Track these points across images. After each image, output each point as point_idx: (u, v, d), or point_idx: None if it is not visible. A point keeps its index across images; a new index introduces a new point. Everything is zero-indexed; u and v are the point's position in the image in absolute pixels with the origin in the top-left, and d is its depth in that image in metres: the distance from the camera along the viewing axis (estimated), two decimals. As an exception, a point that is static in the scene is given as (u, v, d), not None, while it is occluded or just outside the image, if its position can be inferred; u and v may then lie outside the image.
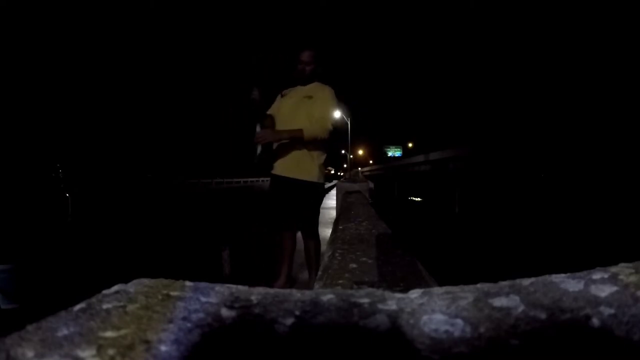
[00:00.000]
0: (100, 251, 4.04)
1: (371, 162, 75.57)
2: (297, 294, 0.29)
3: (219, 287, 0.30)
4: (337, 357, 0.22)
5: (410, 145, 74.12)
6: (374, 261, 0.85)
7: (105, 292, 0.29)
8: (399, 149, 76.62)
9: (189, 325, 0.24)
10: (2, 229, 2.06)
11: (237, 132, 43.37)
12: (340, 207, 2.93)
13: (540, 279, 0.29)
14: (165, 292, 0.29)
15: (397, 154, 73.76)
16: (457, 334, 0.23)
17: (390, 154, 75.91)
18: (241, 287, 0.30)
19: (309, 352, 0.23)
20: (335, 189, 7.07)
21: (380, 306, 0.27)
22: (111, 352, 0.21)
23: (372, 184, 6.79)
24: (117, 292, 0.29)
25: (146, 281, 0.31)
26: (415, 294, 0.28)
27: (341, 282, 0.71)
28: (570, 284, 0.27)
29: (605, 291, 0.26)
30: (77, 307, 0.26)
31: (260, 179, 33.49)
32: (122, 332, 0.23)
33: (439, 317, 0.25)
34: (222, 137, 45.35)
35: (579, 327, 0.23)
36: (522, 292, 0.27)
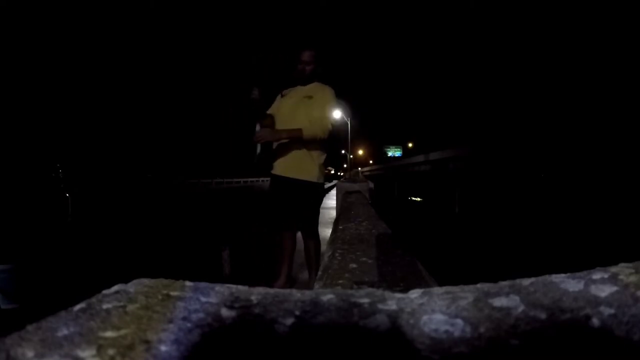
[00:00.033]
0: (100, 251, 4.04)
1: (371, 162, 75.54)
2: (297, 294, 0.29)
3: (219, 287, 0.30)
4: (337, 357, 0.22)
5: (410, 145, 74.10)
6: (374, 261, 0.85)
7: (105, 292, 0.29)
8: (399, 149, 76.61)
9: (189, 325, 0.24)
10: (2, 229, 2.06)
11: (237, 132, 43.37)
12: (340, 207, 2.93)
13: (540, 279, 0.29)
14: (165, 292, 0.29)
15: (397, 154, 73.75)
16: (457, 334, 0.23)
17: (390, 154, 75.90)
18: (241, 287, 0.30)
19: (309, 352, 0.23)
20: (335, 189, 7.07)
21: (380, 306, 0.27)
22: (111, 352, 0.21)
23: (372, 184, 6.78)
24: (117, 292, 0.29)
25: (146, 281, 0.31)
26: (415, 294, 0.28)
27: (341, 282, 0.71)
28: (570, 284, 0.27)
29: (605, 291, 0.26)
30: (77, 307, 0.26)
31: (260, 179, 33.48)
32: (122, 332, 0.23)
33: (439, 317, 0.25)
34: (222, 137, 45.35)
35: (579, 327, 0.23)
36: (522, 292, 0.27)
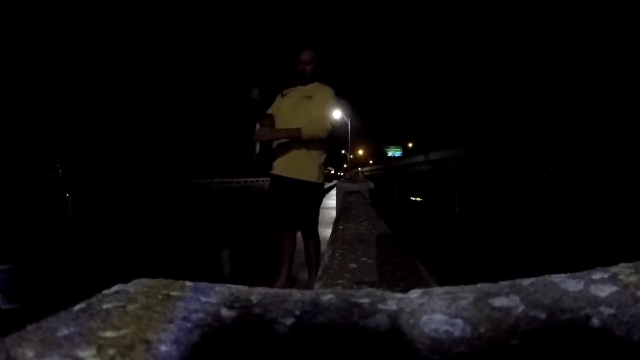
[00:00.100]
0: (100, 251, 4.04)
1: (371, 162, 75.53)
2: (297, 294, 0.29)
3: (219, 287, 0.30)
4: (337, 357, 0.22)
5: (410, 145, 74.08)
6: (374, 261, 0.85)
7: (105, 292, 0.29)
8: (399, 149, 76.60)
9: (189, 325, 0.24)
10: (2, 229, 2.06)
11: (237, 132, 43.35)
12: (340, 207, 2.93)
13: (540, 279, 0.29)
14: (165, 292, 0.29)
15: (397, 154, 73.74)
16: (457, 334, 0.23)
17: (390, 154, 75.90)
18: (241, 287, 0.30)
19: (309, 352, 0.23)
20: (335, 189, 7.07)
21: (380, 306, 0.27)
22: (111, 352, 0.21)
23: (372, 184, 6.79)
24: (117, 292, 0.29)
25: (146, 281, 0.31)
26: (415, 294, 0.28)
27: (341, 282, 0.71)
28: (570, 284, 0.27)
29: (605, 291, 0.26)
30: (77, 307, 0.26)
31: (260, 179, 33.47)
32: (122, 332, 0.23)
33: (439, 317, 0.25)
34: (222, 137, 45.34)
35: (579, 327, 0.23)
36: (522, 292, 0.27)
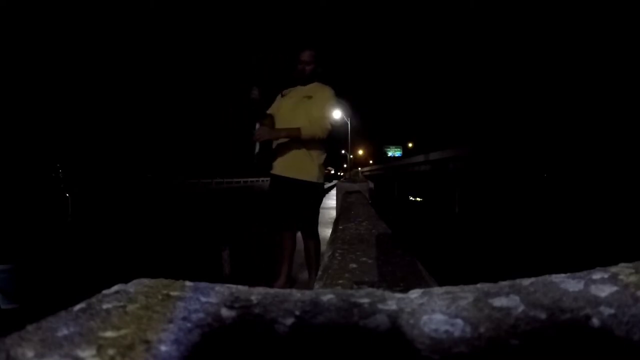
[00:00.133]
0: (100, 251, 4.04)
1: (371, 162, 75.53)
2: (297, 294, 0.29)
3: (219, 287, 0.30)
4: (337, 357, 0.22)
5: (410, 145, 74.07)
6: (374, 261, 0.85)
7: (105, 292, 0.29)
8: (399, 149, 76.60)
9: (189, 325, 0.24)
10: (2, 229, 2.06)
11: (237, 132, 43.36)
12: (340, 207, 2.93)
13: (540, 279, 0.29)
14: (165, 292, 0.29)
15: (397, 154, 73.74)
16: (457, 334, 0.23)
17: (390, 154, 75.90)
18: (241, 287, 0.30)
19: (309, 352, 0.23)
20: (335, 189, 7.07)
21: (380, 306, 0.27)
22: (111, 352, 0.21)
23: (372, 184, 6.79)
24: (117, 292, 0.29)
25: (146, 281, 0.31)
26: (415, 294, 0.28)
27: (341, 282, 0.71)
28: (570, 284, 0.27)
29: (605, 291, 0.26)
30: (77, 307, 0.26)
31: (260, 179, 33.47)
32: (122, 332, 0.23)
33: (439, 317, 0.25)
34: (222, 137, 45.34)
35: (579, 327, 0.23)
36: (522, 292, 0.27)
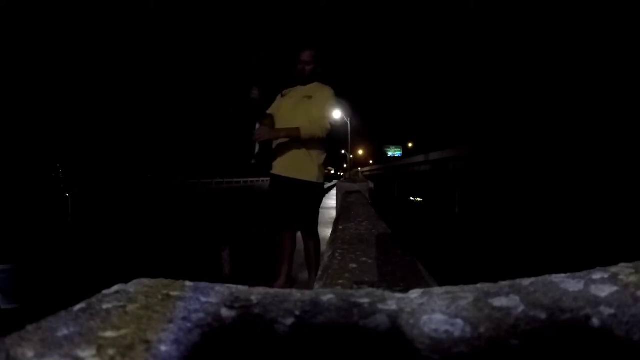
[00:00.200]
0: (100, 251, 4.04)
1: (371, 162, 75.55)
2: (297, 294, 0.29)
3: (219, 287, 0.30)
4: (337, 357, 0.22)
5: (410, 145, 74.05)
6: (374, 261, 0.85)
7: (105, 292, 0.29)
8: (399, 149, 76.61)
9: (189, 325, 0.24)
10: (2, 229, 2.06)
11: (237, 132, 43.37)
12: (340, 207, 2.93)
13: (540, 279, 0.29)
14: (165, 292, 0.29)
15: (397, 154, 73.75)
16: (457, 334, 0.23)
17: (390, 154, 75.91)
18: (241, 287, 0.30)
19: (309, 352, 0.23)
20: (335, 189, 7.07)
21: (380, 306, 0.27)
22: (111, 352, 0.21)
23: (372, 184, 6.79)
24: (117, 292, 0.29)
25: (146, 281, 0.31)
26: (415, 294, 0.28)
27: (341, 282, 0.71)
28: (570, 284, 0.27)
29: (605, 291, 0.26)
30: (77, 307, 0.26)
31: (260, 179, 33.48)
32: (122, 332, 0.23)
33: (439, 317, 0.25)
34: (222, 137, 45.35)
35: (579, 327, 0.23)
36: (522, 292, 0.27)
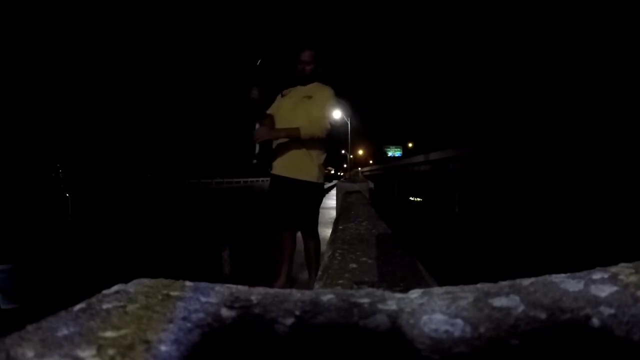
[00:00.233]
0: (100, 251, 4.04)
1: (371, 162, 75.52)
2: (297, 294, 0.29)
3: (219, 287, 0.30)
4: (337, 357, 0.22)
5: (410, 145, 74.05)
6: (374, 261, 0.85)
7: (105, 292, 0.29)
8: (399, 149, 76.60)
9: (189, 325, 0.24)
10: (2, 229, 2.06)
11: (237, 132, 43.35)
12: (340, 207, 2.93)
13: (540, 279, 0.29)
14: (165, 292, 0.29)
15: (397, 154, 73.75)
16: (457, 334, 0.23)
17: (390, 154, 75.91)
18: (241, 287, 0.30)
19: (309, 352, 0.23)
20: (335, 189, 7.06)
21: (380, 306, 0.27)
22: (111, 352, 0.21)
23: (372, 184, 6.78)
24: (117, 292, 0.29)
25: (146, 281, 0.31)
26: (415, 294, 0.28)
27: (341, 282, 0.71)
28: (570, 284, 0.27)
29: (605, 291, 0.26)
30: (77, 307, 0.26)
31: (260, 179, 33.48)
32: (122, 332, 0.23)
33: (439, 317, 0.25)
34: (222, 137, 45.36)
35: (579, 327, 0.23)
36: (522, 292, 0.27)
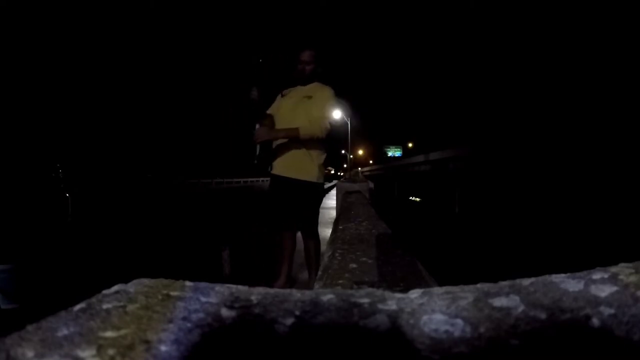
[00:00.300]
0: (100, 251, 4.04)
1: (371, 162, 75.55)
2: (297, 294, 0.29)
3: (219, 287, 0.30)
4: (337, 357, 0.22)
5: (410, 145, 74.04)
6: (374, 261, 0.85)
7: (105, 292, 0.29)
8: (399, 149, 76.62)
9: (189, 325, 0.24)
10: (2, 229, 2.06)
11: (237, 132, 43.39)
12: (340, 207, 2.93)
13: (540, 279, 0.29)
14: (165, 292, 0.29)
15: (397, 154, 73.76)
16: (457, 334, 0.23)
17: (390, 154, 75.93)
18: (241, 287, 0.30)
19: (309, 352, 0.23)
20: (335, 189, 7.07)
21: (380, 306, 0.27)
22: (111, 352, 0.21)
23: (372, 184, 6.78)
24: (117, 292, 0.29)
25: (146, 281, 0.31)
26: (415, 294, 0.28)
27: (341, 282, 0.71)
28: (570, 284, 0.27)
29: (605, 291, 0.26)
30: (77, 307, 0.26)
31: (260, 179, 33.49)
32: (122, 332, 0.23)
33: (439, 317, 0.25)
34: (222, 137, 45.36)
35: (579, 327, 0.23)
36: (522, 292, 0.27)
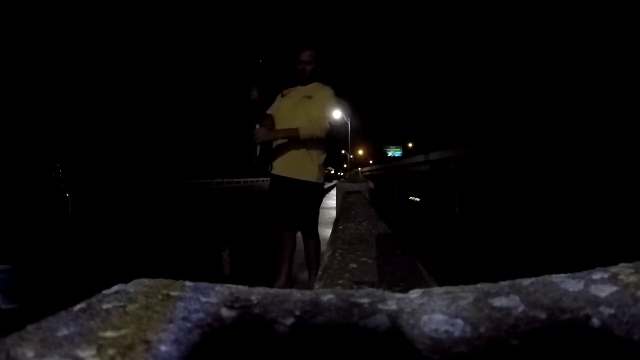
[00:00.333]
0: (100, 251, 4.04)
1: (371, 162, 75.54)
2: (297, 294, 0.29)
3: (219, 287, 0.30)
4: (337, 357, 0.22)
5: (410, 145, 74.02)
6: (374, 261, 0.85)
7: (105, 292, 0.29)
8: (399, 149, 76.60)
9: (189, 325, 0.24)
10: (2, 229, 2.06)
11: (237, 132, 43.39)
12: (340, 207, 2.93)
13: (540, 279, 0.29)
14: (165, 292, 0.29)
15: (397, 154, 73.74)
16: (457, 334, 0.23)
17: (390, 154, 75.91)
18: (241, 287, 0.30)
19: (309, 352, 0.23)
20: (335, 189, 7.07)
21: (380, 306, 0.27)
22: (111, 352, 0.21)
23: (372, 184, 6.78)
24: (117, 292, 0.29)
25: (146, 281, 0.31)
26: (415, 294, 0.28)
27: (341, 282, 0.71)
28: (570, 284, 0.27)
29: (605, 291, 0.26)
30: (77, 307, 0.26)
31: (260, 179, 33.50)
32: (122, 332, 0.23)
33: (439, 317, 0.25)
34: (222, 137, 45.38)
35: (579, 327, 0.23)
36: (522, 292, 0.27)
